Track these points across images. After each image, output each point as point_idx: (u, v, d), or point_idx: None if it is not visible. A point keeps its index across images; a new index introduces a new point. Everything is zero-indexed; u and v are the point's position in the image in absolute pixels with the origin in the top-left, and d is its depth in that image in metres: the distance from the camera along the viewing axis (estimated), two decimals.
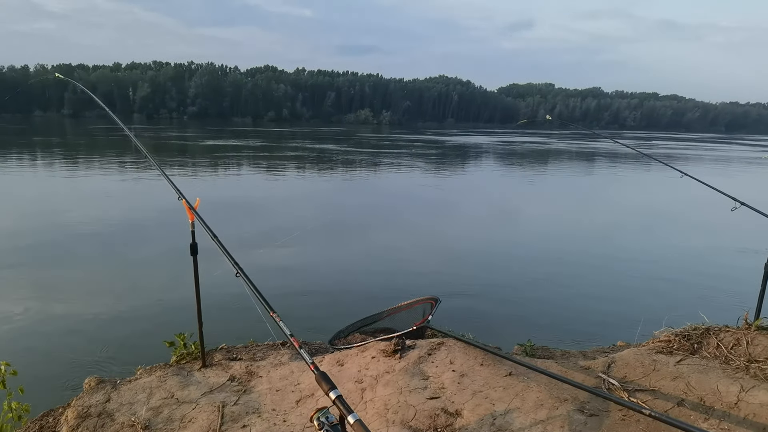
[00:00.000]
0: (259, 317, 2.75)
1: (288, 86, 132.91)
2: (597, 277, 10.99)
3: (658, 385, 3.25)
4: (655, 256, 12.59)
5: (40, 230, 13.49)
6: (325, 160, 36.19)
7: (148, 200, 18.20)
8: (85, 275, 10.06)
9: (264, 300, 2.53)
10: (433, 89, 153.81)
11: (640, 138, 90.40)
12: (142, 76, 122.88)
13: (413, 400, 3.23)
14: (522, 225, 16.62)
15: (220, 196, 19.45)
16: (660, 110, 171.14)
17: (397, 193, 23.26)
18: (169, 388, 3.63)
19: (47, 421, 3.60)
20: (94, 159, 32.46)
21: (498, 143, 64.11)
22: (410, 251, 12.68)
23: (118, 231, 13.70)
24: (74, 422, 3.29)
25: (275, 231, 13.79)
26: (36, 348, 6.93)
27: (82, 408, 3.42)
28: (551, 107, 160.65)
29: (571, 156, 48.30)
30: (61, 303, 8.53)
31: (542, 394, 3.18)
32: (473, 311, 8.47)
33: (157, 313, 8.10)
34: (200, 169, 28.74)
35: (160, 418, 3.29)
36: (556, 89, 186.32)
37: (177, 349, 4.15)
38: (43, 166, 28.35)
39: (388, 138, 69.21)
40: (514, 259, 12.26)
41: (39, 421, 3.59)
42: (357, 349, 4.14)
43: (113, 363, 6.26)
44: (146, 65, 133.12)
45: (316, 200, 20.41)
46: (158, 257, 11.17)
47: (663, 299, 9.32)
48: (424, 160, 38.64)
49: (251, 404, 3.43)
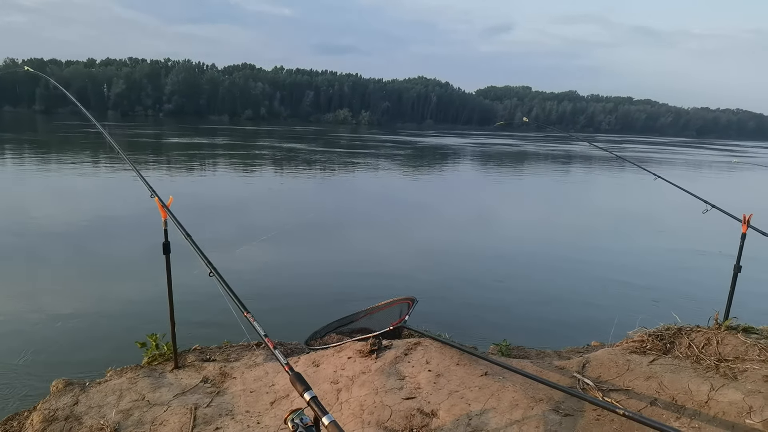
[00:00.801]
0: (233, 318, 2.70)
1: (266, 85, 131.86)
2: (571, 278, 11.13)
3: (631, 384, 3.29)
4: (629, 258, 12.80)
5: (6, 229, 13.12)
6: (293, 160, 35.95)
7: (120, 198, 17.84)
8: (54, 274, 9.80)
9: (238, 300, 2.49)
10: (412, 90, 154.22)
11: (614, 141, 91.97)
12: (117, 73, 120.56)
13: (389, 401, 3.21)
14: (497, 227, 16.74)
15: (191, 194, 19.18)
16: (634, 114, 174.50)
17: (370, 193, 23.26)
18: (139, 390, 3.55)
19: (11, 425, 3.48)
20: (66, 156, 31.74)
21: (471, 144, 64.60)
22: (386, 252, 12.68)
23: (88, 229, 13.40)
24: (40, 426, 3.19)
25: (249, 231, 13.64)
26: (0, 350, 6.72)
27: (49, 411, 3.33)
28: (528, 110, 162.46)
29: (546, 158, 48.87)
30: (27, 303, 8.29)
31: (518, 394, 3.18)
32: (450, 312, 8.50)
33: (128, 314, 7.93)
34: (168, 167, 28.33)
35: (130, 421, 3.22)
36: (533, 92, 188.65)
37: (149, 350, 4.06)
38: (11, 163, 27.61)
39: (361, 138, 69.21)
40: (490, 260, 12.34)
41: (3, 426, 3.48)
42: (333, 349, 4.11)
43: (82, 365, 6.10)
44: (121, 62, 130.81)
45: (287, 200, 20.29)
46: (130, 256, 10.94)
47: (636, 300, 9.47)
48: (394, 161, 38.71)
49: (224, 406, 3.37)
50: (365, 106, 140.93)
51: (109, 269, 10.20)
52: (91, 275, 9.86)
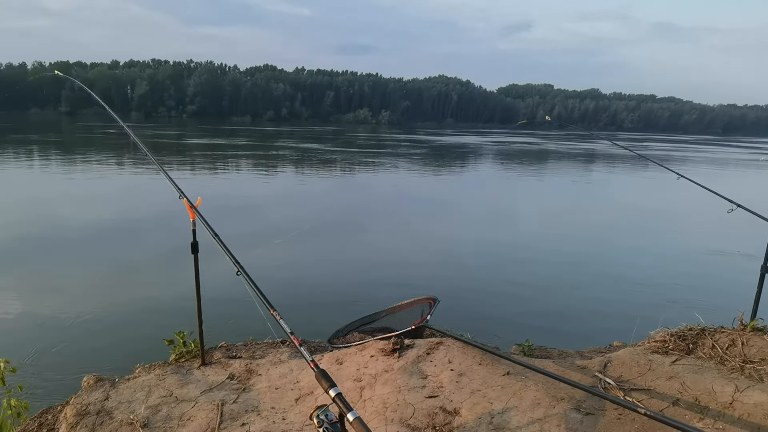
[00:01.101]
0: (257, 315, 2.76)
1: (287, 85, 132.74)
2: (593, 278, 11.04)
3: (653, 384, 3.28)
4: (651, 258, 12.65)
5: (38, 229, 13.47)
6: (311, 160, 36.18)
7: (145, 198, 18.19)
8: (84, 274, 10.06)
9: (264, 298, 2.55)
10: (433, 89, 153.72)
11: (636, 140, 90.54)
12: (141, 74, 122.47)
13: (412, 399, 3.26)
14: (517, 226, 16.66)
15: (214, 194, 19.45)
16: (657, 112, 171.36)
17: (389, 193, 23.30)
18: (168, 387, 3.64)
19: (46, 418, 3.60)
20: (91, 157, 32.41)
21: (490, 143, 64.24)
22: (406, 251, 12.71)
23: (116, 230, 13.70)
24: (73, 420, 3.29)
25: (271, 230, 13.81)
26: (35, 346, 6.94)
27: (81, 406, 3.43)
28: (550, 108, 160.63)
29: (567, 157, 48.37)
30: (59, 301, 8.53)
31: (539, 393, 3.20)
32: (471, 311, 8.51)
33: (156, 312, 8.12)
34: (191, 167, 28.71)
35: (158, 416, 3.30)
36: (555, 90, 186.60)
37: (176, 348, 4.16)
38: (40, 165, 28.28)
39: (378, 137, 69.31)
40: (511, 260, 12.30)
41: (38, 419, 3.60)
42: (356, 348, 4.16)
43: (112, 361, 6.26)
44: (145, 63, 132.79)
45: (307, 200, 20.43)
46: (157, 256, 11.17)
47: (659, 300, 9.37)
48: (411, 160, 38.69)
49: (250, 402, 3.45)
50: (385, 105, 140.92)
51: (137, 268, 10.43)
52: (120, 274, 10.10)
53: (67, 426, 3.24)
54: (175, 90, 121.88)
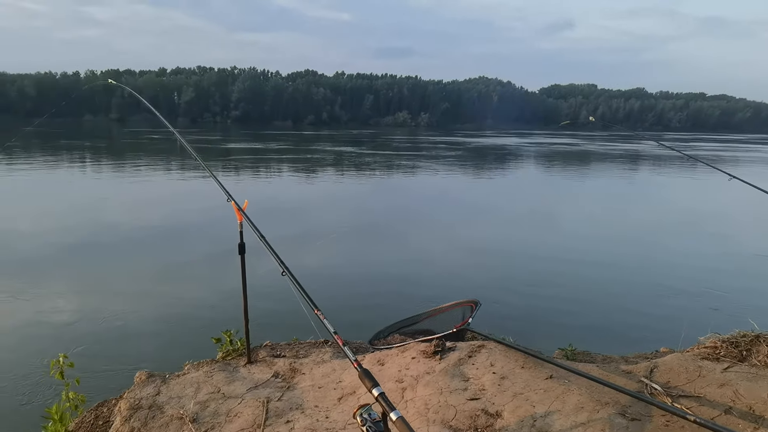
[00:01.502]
0: (301, 315, 2.83)
1: (327, 90, 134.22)
2: (639, 281, 10.74)
3: (703, 391, 3.18)
4: (701, 260, 12.22)
5: (93, 230, 14.09)
6: (350, 163, 36.42)
7: (193, 201, 18.73)
8: (137, 274, 10.47)
9: (309, 298, 2.60)
10: (473, 90, 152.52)
11: (684, 140, 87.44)
12: (187, 81, 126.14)
13: (454, 401, 3.26)
14: (561, 228, 16.35)
15: (258, 196, 19.85)
16: (707, 111, 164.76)
17: (428, 194, 23.27)
18: (215, 383, 3.76)
19: (101, 411, 3.78)
20: (140, 162, 33.59)
21: (529, 144, 63.29)
22: (446, 253, 12.68)
23: (167, 231, 14.18)
24: (127, 413, 3.43)
25: (312, 231, 14.01)
26: (91, 342, 7.26)
27: (134, 400, 3.57)
28: (594, 108, 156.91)
29: (609, 158, 47.13)
30: (113, 299, 8.90)
31: (583, 397, 3.15)
32: (513, 315, 8.42)
33: (204, 310, 8.37)
34: (235, 170, 29.37)
35: (207, 412, 3.41)
36: (599, 90, 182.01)
37: (223, 346, 4.28)
38: (93, 169, 29.52)
39: (415, 140, 69.04)
40: (554, 263, 12.08)
41: (94, 411, 3.78)
42: (397, 349, 4.19)
43: (162, 358, 6.49)
44: (190, 70, 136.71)
45: (347, 202, 20.61)
46: (206, 256, 11.51)
47: (708, 305, 9.05)
48: (447, 162, 38.44)
49: (294, 400, 3.52)
50: (424, 108, 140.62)
51: (187, 268, 10.78)
52: (170, 274, 10.46)
53: (121, 419, 3.38)
54: (220, 96, 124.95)
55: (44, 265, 10.85)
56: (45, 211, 16.52)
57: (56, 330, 7.71)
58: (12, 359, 6.78)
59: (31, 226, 14.25)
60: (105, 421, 3.64)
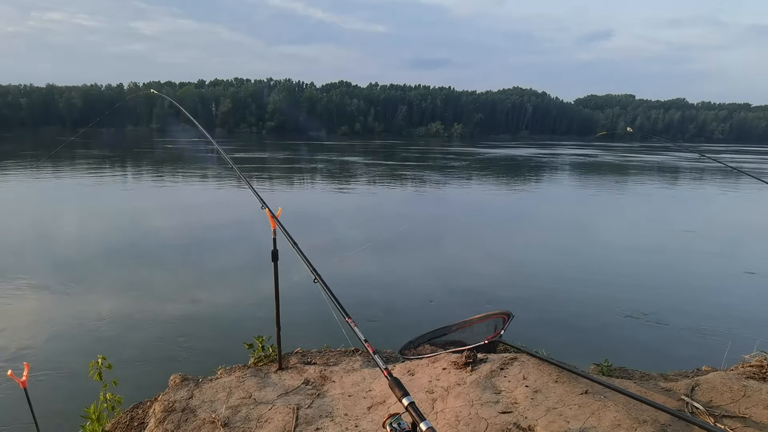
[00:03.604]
0: (332, 323, 2.83)
1: (360, 101, 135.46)
2: (680, 297, 10.40)
3: (748, 412, 3.05)
4: (745, 277, 11.76)
5: (131, 236, 14.48)
6: (380, 173, 36.50)
7: (228, 208, 19.09)
8: (172, 279, 10.72)
9: (340, 306, 2.60)
10: (507, 101, 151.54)
11: (727, 151, 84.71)
12: (224, 92, 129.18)
13: (485, 413, 3.21)
14: (600, 240, 16.00)
15: (290, 205, 20.07)
16: (752, 122, 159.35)
17: (461, 205, 23.10)
18: (247, 389, 3.79)
19: (137, 412, 3.86)
20: (178, 170, 34.45)
21: (566, 156, 62.24)
22: (480, 264, 12.55)
23: (202, 238, 14.47)
24: (161, 415, 3.50)
25: (345, 241, 14.07)
26: (127, 344, 7.44)
27: (168, 403, 3.64)
28: (632, 119, 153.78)
29: (650, 170, 45.95)
30: (149, 304, 9.12)
31: (620, 414, 3.06)
32: (547, 328, 8.26)
33: (237, 316, 8.51)
34: (268, 180, 29.79)
35: (238, 417, 3.44)
36: (637, 100, 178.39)
37: (255, 351, 4.32)
38: (134, 177, 30.40)
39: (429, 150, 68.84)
40: (590, 276, 11.83)
41: (130, 412, 3.86)
42: (427, 360, 4.15)
43: (196, 361, 6.60)
44: (228, 82, 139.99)
45: (378, 212, 20.64)
46: (240, 263, 11.69)
47: (753, 322, 8.70)
48: (482, 174, 38.08)
49: (324, 408, 3.52)
50: (457, 118, 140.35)
51: (221, 274, 10.96)
52: (205, 280, 10.65)
53: (155, 421, 3.44)
54: (256, 107, 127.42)
55: (83, 268, 11.21)
56: (84, 217, 17.09)
57: (95, 331, 7.94)
58: (53, 359, 7.00)
59: (71, 232, 14.75)
60: (140, 423, 3.71)
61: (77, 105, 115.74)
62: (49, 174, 29.28)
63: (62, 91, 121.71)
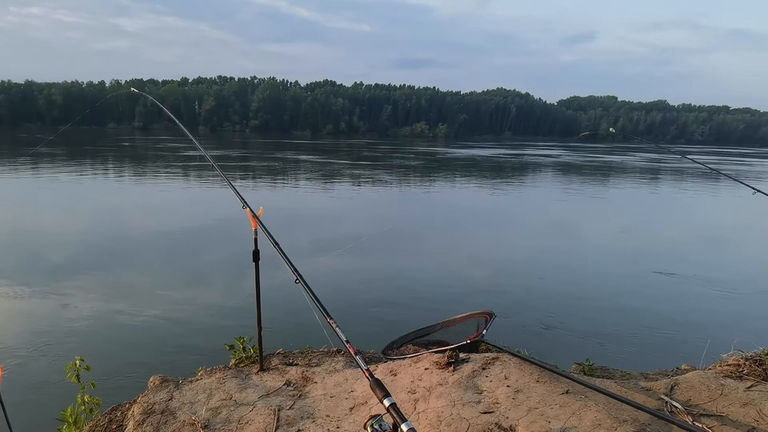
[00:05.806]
0: (314, 324, 2.81)
1: (345, 100, 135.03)
2: (660, 297, 10.54)
3: (725, 410, 3.09)
4: (723, 277, 11.96)
5: (108, 236, 14.26)
6: (363, 174, 36.49)
7: (209, 208, 18.90)
8: (151, 279, 10.56)
9: (322, 306, 2.58)
10: (491, 102, 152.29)
11: (708, 153, 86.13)
12: (208, 91, 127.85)
13: (466, 414, 3.21)
14: (581, 241, 16.16)
15: (273, 205, 19.95)
16: (731, 124, 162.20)
17: (442, 206, 23.16)
18: (228, 390, 3.75)
19: (115, 415, 3.79)
20: (159, 168, 34.05)
21: (550, 156, 62.77)
22: (463, 264, 12.59)
23: (182, 238, 14.31)
24: (140, 417, 3.44)
25: (328, 241, 14.01)
26: (105, 346, 7.32)
27: (147, 405, 3.58)
28: (614, 120, 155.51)
29: (631, 171, 46.55)
30: (127, 305, 8.98)
31: (600, 414, 3.08)
32: (529, 328, 8.31)
33: (218, 317, 8.42)
34: (252, 179, 29.60)
35: (218, 419, 3.40)
36: (619, 102, 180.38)
37: (236, 353, 4.28)
38: (113, 175, 29.97)
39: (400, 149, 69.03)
40: (572, 276, 11.94)
41: (108, 415, 3.79)
42: (410, 360, 4.15)
43: (176, 363, 6.52)
44: (211, 80, 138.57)
45: (362, 213, 20.60)
46: (220, 263, 11.58)
47: (731, 322, 8.85)
48: (468, 174, 38.23)
49: (306, 409, 3.50)
50: (442, 118, 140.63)
51: (201, 275, 10.85)
52: (185, 280, 10.53)
53: (134, 423, 3.39)
54: (240, 105, 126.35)
55: (59, 268, 11.02)
56: (62, 216, 16.80)
57: (72, 332, 7.80)
58: (28, 361, 6.87)
59: (49, 231, 14.50)
60: (118, 425, 3.65)
61: (57, 102, 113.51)
62: (24, 172, 28.76)
63: (42, 87, 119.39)
